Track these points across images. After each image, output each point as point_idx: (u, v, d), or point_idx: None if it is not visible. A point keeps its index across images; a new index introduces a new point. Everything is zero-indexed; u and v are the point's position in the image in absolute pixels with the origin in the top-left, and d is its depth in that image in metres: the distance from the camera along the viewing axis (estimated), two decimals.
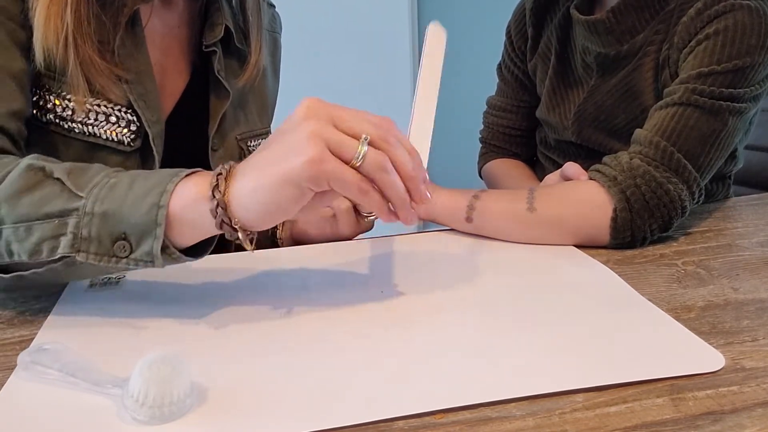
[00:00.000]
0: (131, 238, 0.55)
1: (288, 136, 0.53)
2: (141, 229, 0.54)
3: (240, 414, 0.45)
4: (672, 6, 0.85)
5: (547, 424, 0.44)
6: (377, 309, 0.61)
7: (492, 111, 1.15)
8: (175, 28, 0.84)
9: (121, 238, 0.55)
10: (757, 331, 0.55)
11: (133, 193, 0.55)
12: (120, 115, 0.75)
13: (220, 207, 0.53)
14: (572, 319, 0.57)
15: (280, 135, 0.54)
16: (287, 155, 0.52)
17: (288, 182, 0.51)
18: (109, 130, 0.75)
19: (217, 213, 0.53)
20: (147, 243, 0.55)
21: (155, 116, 0.77)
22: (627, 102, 0.90)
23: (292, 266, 0.73)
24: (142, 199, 0.55)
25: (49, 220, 0.55)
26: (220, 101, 0.85)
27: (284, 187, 0.52)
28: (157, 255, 0.55)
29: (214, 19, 0.84)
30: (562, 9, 0.99)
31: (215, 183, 0.54)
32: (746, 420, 0.43)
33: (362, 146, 0.52)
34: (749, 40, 0.76)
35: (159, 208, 0.54)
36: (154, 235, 0.54)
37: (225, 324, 0.59)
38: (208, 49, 0.83)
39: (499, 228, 0.76)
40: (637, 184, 0.72)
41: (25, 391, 0.49)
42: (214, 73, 0.84)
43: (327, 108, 0.54)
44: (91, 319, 0.61)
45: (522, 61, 1.09)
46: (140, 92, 0.76)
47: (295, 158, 0.51)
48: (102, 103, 0.74)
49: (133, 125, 0.76)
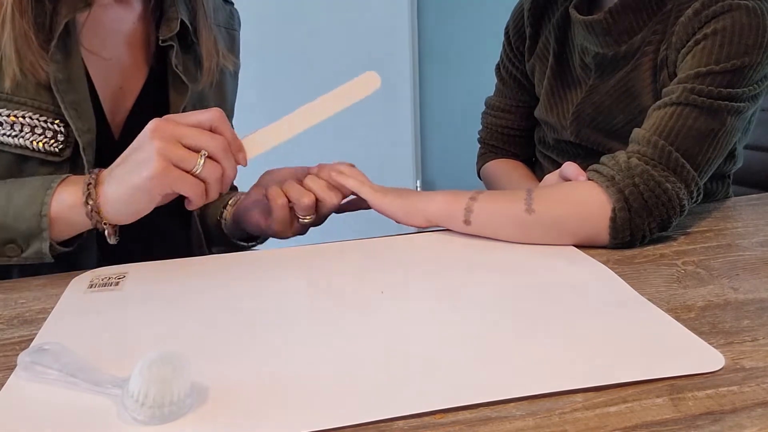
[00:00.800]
0: (20, 241, 0.68)
1: (138, 154, 0.67)
2: (28, 234, 0.68)
3: (240, 414, 0.45)
4: (669, 6, 0.86)
5: (546, 424, 0.44)
6: (377, 309, 0.61)
7: (490, 111, 1.15)
8: (131, 25, 0.85)
9: (10, 242, 0.68)
10: (757, 331, 0.55)
11: (14, 206, 0.68)
12: (46, 126, 0.75)
13: (94, 211, 0.68)
14: (572, 319, 0.57)
15: (133, 151, 0.68)
16: (139, 169, 0.66)
17: (140, 191, 0.66)
18: (36, 141, 0.75)
19: (92, 216, 0.68)
20: (35, 245, 0.69)
21: (86, 125, 0.77)
22: (625, 102, 0.90)
23: (292, 266, 0.73)
24: (24, 209, 0.68)
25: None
26: (179, 96, 0.85)
27: (138, 194, 0.67)
28: (46, 253, 0.69)
29: (169, 14, 0.84)
30: (561, 9, 0.99)
31: (87, 192, 0.68)
32: (746, 420, 0.43)
33: (200, 159, 0.67)
34: (747, 40, 0.76)
35: (42, 217, 0.67)
36: (41, 238, 0.68)
37: (225, 324, 0.59)
38: (165, 44, 0.83)
39: (498, 230, 0.76)
40: (635, 183, 0.72)
41: (25, 391, 0.49)
42: (173, 68, 0.84)
43: (171, 128, 0.67)
44: (90, 319, 0.61)
45: (520, 61, 1.09)
46: (72, 100, 0.75)
47: (143, 172, 0.65)
48: (27, 115, 0.74)
49: (60, 135, 0.76)
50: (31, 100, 0.74)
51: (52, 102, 0.74)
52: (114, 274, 0.70)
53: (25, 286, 0.69)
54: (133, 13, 0.85)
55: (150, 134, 0.66)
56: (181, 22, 0.84)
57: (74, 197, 0.68)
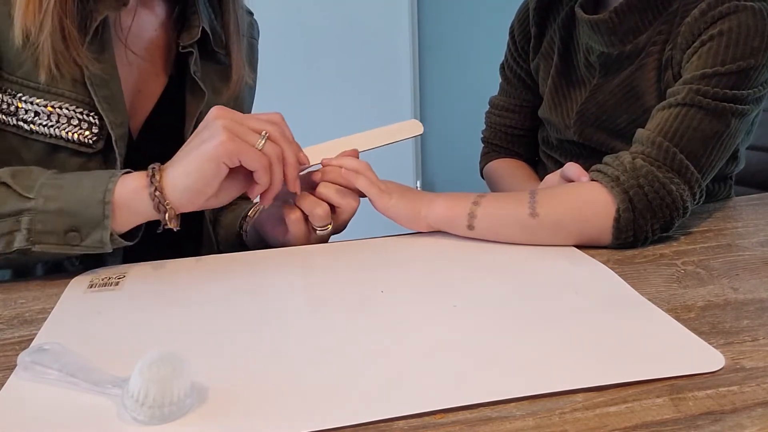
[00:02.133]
0: (82, 230, 0.67)
1: (204, 132, 0.68)
2: (91, 222, 0.67)
3: (240, 414, 0.45)
4: (675, 7, 0.85)
5: (547, 424, 0.44)
6: (377, 309, 0.61)
7: (494, 110, 1.15)
8: (153, 31, 0.86)
9: (73, 230, 0.67)
10: (756, 331, 0.55)
11: (80, 192, 0.67)
12: (82, 117, 0.76)
13: (157, 191, 0.67)
14: (572, 319, 0.57)
15: (198, 133, 0.69)
16: (205, 143, 0.67)
17: (208, 160, 0.67)
18: (71, 132, 0.76)
19: (155, 196, 0.67)
20: (97, 233, 0.67)
21: (119, 119, 0.78)
22: (629, 102, 0.90)
23: (292, 266, 0.73)
24: (88, 196, 0.67)
25: (3, 219, 0.67)
26: (196, 101, 0.86)
27: (206, 164, 0.67)
28: (106, 242, 0.68)
29: (191, 21, 0.85)
30: (566, 8, 0.99)
31: (152, 174, 0.68)
32: (746, 420, 0.43)
33: (262, 139, 0.69)
34: (753, 42, 0.76)
35: (105, 203, 0.67)
36: (103, 226, 0.67)
37: (225, 324, 0.59)
38: (185, 50, 0.84)
39: (502, 234, 0.75)
40: (640, 184, 0.72)
41: (25, 391, 0.49)
42: (191, 74, 0.85)
43: (234, 112, 0.70)
44: (91, 319, 0.61)
45: (525, 60, 1.09)
46: (105, 95, 0.77)
47: (210, 143, 0.67)
48: (64, 106, 0.76)
49: (95, 127, 0.77)
50: (68, 92, 0.76)
51: (86, 95, 0.76)
52: (114, 274, 0.70)
53: (25, 286, 0.69)
54: (156, 18, 0.86)
55: (214, 117, 0.68)
56: (202, 30, 0.85)
57: (138, 181, 0.68)
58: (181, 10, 0.87)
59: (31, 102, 0.75)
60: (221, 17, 0.89)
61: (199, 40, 0.85)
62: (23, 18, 0.71)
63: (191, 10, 0.85)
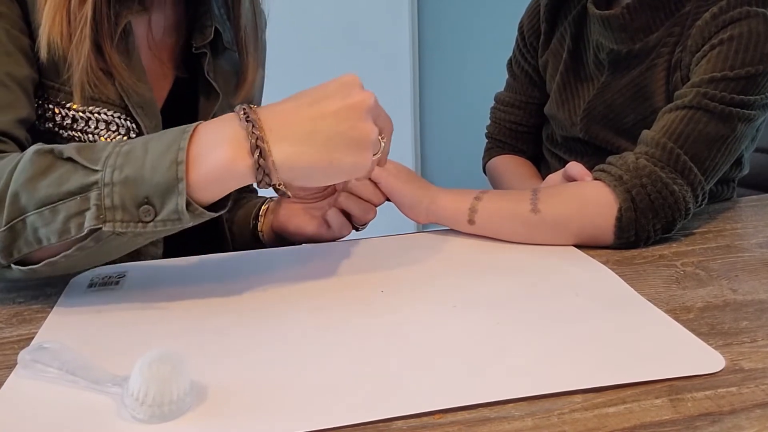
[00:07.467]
0: (155, 200, 0.55)
1: (351, 121, 0.57)
2: (163, 188, 0.55)
3: (240, 413, 0.46)
4: (688, 8, 0.85)
5: (545, 425, 0.44)
6: (377, 309, 0.61)
7: (500, 106, 1.15)
8: (162, 33, 0.85)
9: (145, 202, 0.55)
10: (755, 333, 0.55)
11: (150, 156, 0.55)
12: (120, 122, 0.76)
13: (260, 140, 0.55)
14: (571, 319, 0.57)
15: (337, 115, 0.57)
16: (348, 146, 0.57)
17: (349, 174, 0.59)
18: (109, 137, 0.76)
19: (257, 145, 0.55)
20: (171, 201, 0.55)
21: (153, 122, 0.78)
22: (637, 102, 0.90)
23: (292, 266, 0.73)
24: (160, 158, 0.55)
25: (71, 198, 0.56)
26: (210, 102, 0.85)
27: (343, 176, 0.60)
28: (183, 212, 0.55)
29: (203, 22, 0.84)
30: (578, 6, 1.00)
31: (254, 142, 0.55)
32: (745, 421, 0.43)
33: (382, 143, 0.61)
34: (763, 48, 0.76)
35: (178, 164, 0.54)
36: (176, 191, 0.55)
37: (225, 323, 0.59)
38: (198, 51, 0.83)
39: (502, 230, 0.76)
40: (642, 183, 0.72)
41: (25, 389, 0.49)
42: (204, 75, 0.84)
43: (376, 104, 0.60)
44: (91, 317, 0.61)
45: (533, 56, 1.09)
46: (137, 101, 0.77)
47: (352, 157, 0.57)
48: (102, 111, 0.75)
49: (133, 132, 0.77)
50: (105, 96, 0.76)
51: (120, 99, 0.76)
52: (114, 273, 0.70)
53: (24, 285, 0.69)
54: (165, 20, 0.85)
55: (367, 108, 0.58)
56: (215, 29, 0.84)
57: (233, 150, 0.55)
58: (193, 10, 0.86)
59: (68, 107, 0.75)
60: (234, 15, 0.87)
61: (211, 40, 0.84)
62: (49, 31, 0.70)
63: (202, 9, 0.85)
